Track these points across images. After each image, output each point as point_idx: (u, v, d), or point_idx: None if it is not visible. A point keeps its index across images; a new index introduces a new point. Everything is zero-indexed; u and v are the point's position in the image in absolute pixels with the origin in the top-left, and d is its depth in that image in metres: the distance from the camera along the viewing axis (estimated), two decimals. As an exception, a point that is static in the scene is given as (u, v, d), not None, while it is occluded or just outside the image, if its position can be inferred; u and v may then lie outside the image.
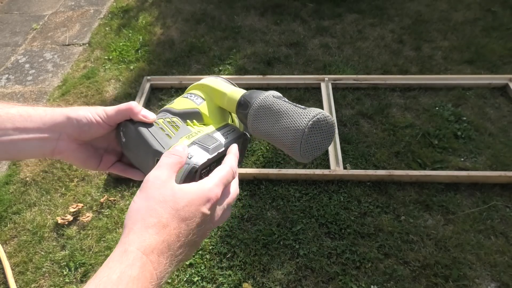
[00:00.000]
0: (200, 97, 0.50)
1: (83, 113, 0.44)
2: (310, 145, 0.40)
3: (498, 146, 1.88)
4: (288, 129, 0.40)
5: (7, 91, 2.45)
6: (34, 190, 1.83)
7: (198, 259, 1.53)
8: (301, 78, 2.28)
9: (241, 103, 0.45)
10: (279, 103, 0.43)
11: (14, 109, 0.43)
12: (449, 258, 1.49)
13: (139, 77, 2.42)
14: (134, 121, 0.46)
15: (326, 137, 0.41)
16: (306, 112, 0.40)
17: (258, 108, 0.43)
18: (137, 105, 0.45)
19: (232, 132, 0.47)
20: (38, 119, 0.43)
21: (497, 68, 2.32)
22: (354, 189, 1.73)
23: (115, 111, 0.45)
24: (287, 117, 0.41)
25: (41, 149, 0.44)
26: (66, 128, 0.44)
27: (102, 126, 0.45)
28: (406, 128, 2.00)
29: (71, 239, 1.63)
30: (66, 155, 0.45)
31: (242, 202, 1.72)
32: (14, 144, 0.42)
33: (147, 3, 3.21)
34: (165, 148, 0.43)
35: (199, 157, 0.42)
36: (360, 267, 1.48)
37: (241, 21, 2.88)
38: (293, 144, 0.40)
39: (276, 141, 0.42)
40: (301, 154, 0.40)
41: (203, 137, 0.45)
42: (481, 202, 1.66)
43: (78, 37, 2.88)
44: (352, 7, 2.94)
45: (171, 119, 0.47)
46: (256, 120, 0.44)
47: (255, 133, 0.45)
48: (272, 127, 0.42)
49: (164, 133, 0.45)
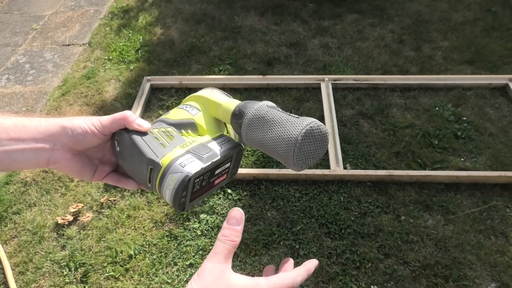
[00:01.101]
0: (195, 108, 0.50)
1: (78, 123, 0.44)
2: (304, 154, 0.40)
3: (498, 146, 1.88)
4: (281, 137, 0.40)
5: (7, 91, 2.45)
6: (34, 190, 1.83)
7: (198, 259, 1.53)
8: (301, 78, 2.28)
9: (236, 113, 0.46)
10: (272, 112, 0.43)
11: (9, 120, 0.43)
12: (449, 258, 1.49)
13: (139, 77, 2.42)
14: (129, 130, 0.46)
15: (319, 146, 0.41)
16: (300, 120, 0.40)
17: (252, 117, 0.44)
18: (131, 114, 0.46)
19: (227, 142, 0.47)
20: (33, 129, 0.43)
21: (497, 68, 2.32)
22: (354, 189, 1.73)
23: (109, 121, 0.45)
24: (281, 126, 0.41)
25: (35, 159, 0.44)
26: (61, 138, 0.44)
27: (97, 135, 0.45)
28: (406, 128, 2.00)
29: (71, 239, 1.63)
30: (61, 165, 0.45)
31: (242, 202, 1.72)
32: (8, 154, 0.42)
33: (147, 3, 3.21)
34: (159, 157, 0.43)
35: (193, 166, 0.42)
36: (360, 267, 1.48)
37: (241, 21, 2.88)
38: (287, 152, 0.40)
39: (270, 150, 0.43)
40: (294, 162, 0.40)
41: (197, 147, 0.45)
42: (481, 202, 1.66)
43: (78, 37, 2.88)
44: (352, 7, 2.94)
45: (166, 129, 0.47)
46: (250, 130, 0.44)
47: (249, 142, 0.45)
48: (265, 136, 0.42)
49: (159, 142, 0.45)
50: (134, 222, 1.68)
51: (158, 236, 1.62)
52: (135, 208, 1.72)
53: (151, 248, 1.58)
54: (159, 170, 0.42)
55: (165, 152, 0.43)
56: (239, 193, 1.74)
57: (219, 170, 0.47)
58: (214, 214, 1.68)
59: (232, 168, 0.50)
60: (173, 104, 2.22)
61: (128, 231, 1.65)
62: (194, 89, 2.30)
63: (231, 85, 2.29)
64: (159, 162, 0.42)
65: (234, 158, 0.49)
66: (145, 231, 1.64)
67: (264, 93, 2.25)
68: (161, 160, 0.42)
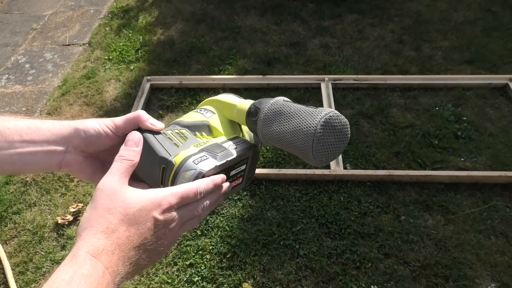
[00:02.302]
0: (210, 111, 0.50)
1: (91, 124, 0.44)
2: (323, 146, 0.38)
3: (498, 146, 1.88)
4: (299, 129, 0.39)
5: (7, 91, 2.45)
6: (34, 190, 1.83)
7: (198, 259, 1.53)
8: (301, 78, 2.28)
9: (251, 111, 0.45)
10: (289, 105, 0.42)
11: (22, 122, 0.43)
12: (449, 258, 1.49)
13: (139, 77, 2.42)
14: (142, 130, 0.45)
15: (339, 138, 0.39)
16: (318, 111, 0.39)
17: (268, 112, 0.43)
18: (144, 113, 0.45)
19: (242, 143, 0.47)
20: (46, 131, 0.43)
21: (497, 68, 2.32)
22: (354, 189, 1.73)
23: (123, 121, 0.45)
24: (298, 118, 0.40)
25: (47, 162, 0.43)
26: (74, 140, 0.44)
27: (110, 137, 0.45)
28: (406, 128, 2.00)
29: (71, 239, 1.63)
30: (73, 168, 0.45)
31: (242, 202, 1.72)
32: (20, 156, 0.42)
33: (147, 3, 3.21)
34: (172, 156, 0.42)
35: (206, 163, 0.41)
36: (360, 267, 1.48)
37: (241, 21, 2.88)
38: (305, 144, 0.38)
39: (287, 145, 0.41)
40: (313, 155, 0.38)
41: (212, 146, 0.44)
42: (481, 202, 1.66)
43: (78, 37, 2.88)
44: (352, 7, 2.94)
45: (179, 130, 0.47)
46: (266, 125, 0.43)
47: (265, 139, 0.44)
48: (282, 129, 0.41)
49: (172, 142, 0.44)
50: (134, 222, 1.67)
51: (158, 236, 1.61)
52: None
53: (151, 248, 1.58)
54: (172, 168, 0.41)
55: (179, 151, 0.43)
56: (239, 193, 1.74)
57: (234, 171, 0.46)
58: (214, 214, 1.68)
59: (248, 172, 0.49)
60: (173, 104, 2.22)
61: (128, 231, 1.64)
62: (194, 89, 2.30)
63: (231, 85, 2.29)
64: (172, 160, 0.42)
65: (250, 160, 0.48)
66: (145, 231, 1.64)
67: (264, 93, 2.25)
68: (174, 158, 0.42)
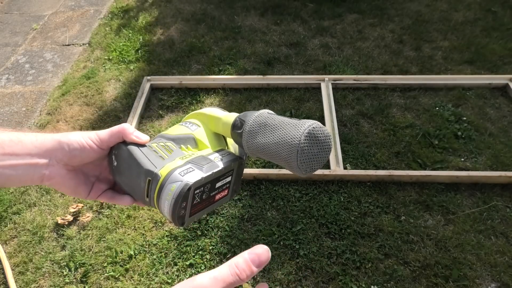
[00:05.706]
0: (195, 124, 0.50)
1: (74, 138, 0.44)
2: (307, 156, 0.40)
3: (498, 146, 1.88)
4: (283, 140, 0.40)
5: (7, 91, 2.45)
6: (34, 190, 1.82)
7: (198, 259, 1.53)
8: (301, 78, 2.28)
9: (236, 124, 0.45)
10: (273, 117, 0.43)
11: (5, 135, 0.42)
12: (449, 258, 1.49)
13: (139, 77, 2.42)
14: (127, 142, 0.45)
15: (322, 149, 0.40)
16: (301, 123, 0.40)
17: (253, 124, 0.43)
18: (129, 127, 0.45)
19: (227, 155, 0.47)
20: (28, 144, 0.42)
21: (497, 68, 2.32)
22: (354, 189, 1.73)
23: (108, 134, 0.45)
24: (282, 129, 0.41)
25: (29, 176, 0.42)
26: (57, 153, 0.43)
27: (95, 150, 0.44)
28: (406, 128, 2.00)
29: (71, 239, 1.63)
30: (55, 181, 0.44)
31: (242, 202, 1.71)
32: (1, 169, 0.41)
33: (147, 3, 3.21)
34: (158, 168, 0.41)
35: (193, 175, 0.40)
36: (360, 267, 1.48)
37: (241, 21, 2.88)
38: (289, 155, 0.40)
39: (272, 155, 0.42)
40: (298, 165, 0.40)
41: (197, 158, 0.44)
42: (481, 202, 1.66)
43: (78, 37, 2.88)
44: (352, 7, 2.94)
45: (165, 143, 0.46)
46: (251, 137, 0.43)
47: (251, 150, 0.44)
48: (267, 140, 0.42)
49: (158, 155, 0.44)
50: (134, 222, 1.68)
51: (158, 236, 1.62)
52: (135, 208, 1.72)
53: (151, 248, 1.58)
54: (157, 181, 0.41)
55: (164, 163, 0.42)
56: (239, 193, 1.74)
57: (219, 183, 0.46)
58: (214, 214, 1.68)
59: (233, 184, 0.49)
60: (173, 104, 2.22)
61: (128, 231, 1.65)
62: (194, 89, 2.30)
63: (231, 85, 2.29)
64: (157, 172, 0.41)
65: (235, 172, 0.48)
66: (145, 231, 1.64)
67: (264, 93, 2.25)
68: (160, 170, 0.41)
